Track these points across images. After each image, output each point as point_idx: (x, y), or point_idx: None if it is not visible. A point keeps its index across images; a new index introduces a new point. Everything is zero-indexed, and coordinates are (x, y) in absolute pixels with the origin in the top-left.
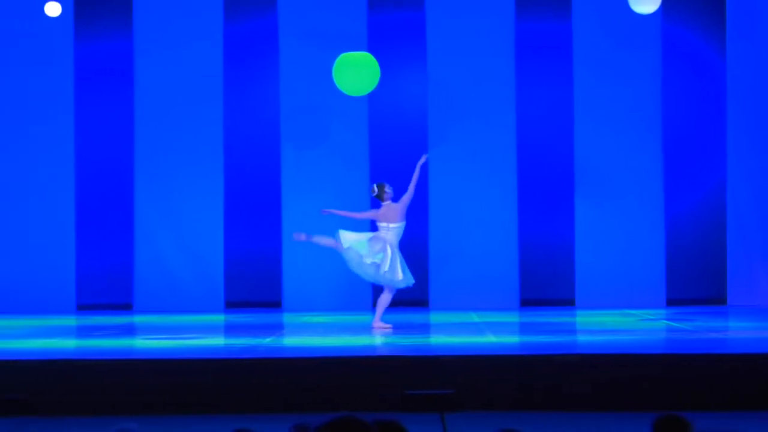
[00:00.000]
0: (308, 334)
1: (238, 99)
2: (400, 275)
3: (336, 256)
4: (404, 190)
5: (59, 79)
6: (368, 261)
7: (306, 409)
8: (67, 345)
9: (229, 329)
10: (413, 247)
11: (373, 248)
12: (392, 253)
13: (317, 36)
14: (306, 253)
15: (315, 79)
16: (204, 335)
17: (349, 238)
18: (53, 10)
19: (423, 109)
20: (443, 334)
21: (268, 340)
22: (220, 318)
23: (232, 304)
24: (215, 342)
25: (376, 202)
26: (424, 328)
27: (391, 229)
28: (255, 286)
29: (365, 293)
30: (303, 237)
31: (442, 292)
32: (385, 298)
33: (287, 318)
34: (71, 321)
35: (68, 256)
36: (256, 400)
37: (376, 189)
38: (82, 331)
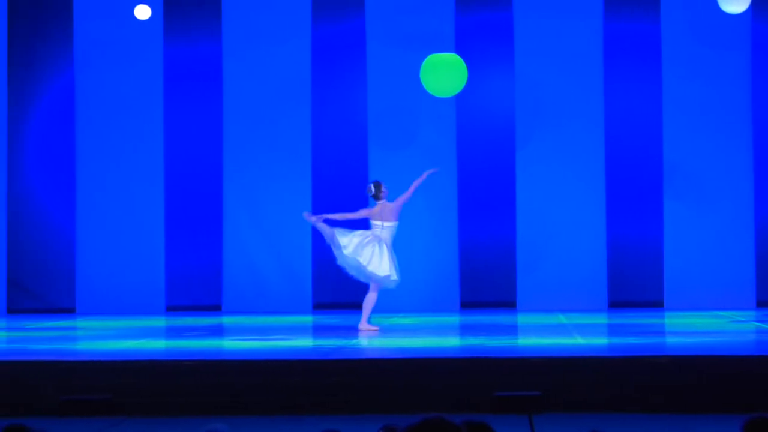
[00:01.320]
0: (396, 335)
1: (325, 101)
2: (385, 272)
3: (423, 257)
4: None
5: (149, 82)
6: (351, 256)
7: (394, 411)
8: (156, 346)
9: (317, 330)
10: (501, 249)
11: (361, 245)
12: (381, 250)
13: (405, 38)
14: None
15: (402, 80)
16: (292, 336)
17: (343, 241)
18: (143, 13)
19: (510, 110)
20: (531, 336)
21: (355, 341)
22: (308, 319)
23: (319, 306)
24: (303, 343)
25: (371, 202)
26: (512, 330)
27: (386, 227)
28: (342, 288)
29: (453, 294)
30: (313, 219)
31: (529, 293)
32: (371, 299)
33: (375, 319)
34: (161, 322)
35: (158, 258)
36: (344, 401)
37: (373, 189)
38: (172, 332)
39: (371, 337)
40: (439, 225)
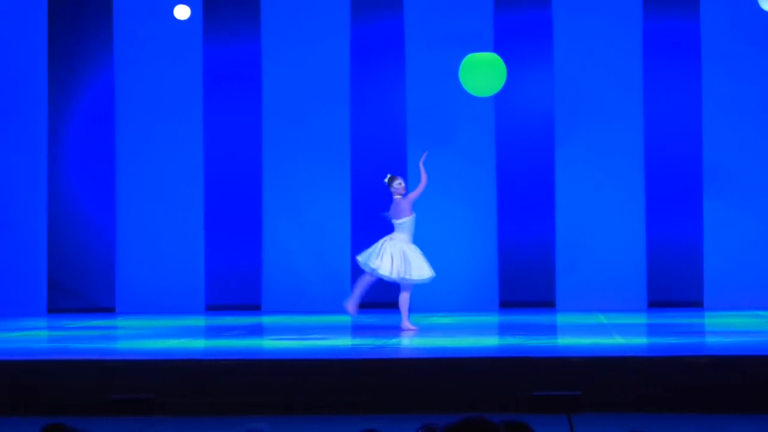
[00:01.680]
0: (435, 335)
1: (364, 100)
2: (375, 266)
3: (462, 256)
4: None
5: (188, 82)
6: (379, 271)
7: (433, 410)
8: (196, 345)
9: (356, 330)
10: (540, 248)
11: (377, 254)
12: (397, 251)
13: (443, 37)
14: (432, 253)
15: (441, 79)
16: (331, 336)
17: (364, 258)
18: (182, 13)
19: (550, 109)
20: (570, 336)
21: (394, 341)
22: (347, 319)
23: (359, 305)
24: (342, 342)
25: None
26: (551, 330)
27: (398, 225)
28: (382, 288)
29: (492, 294)
30: (351, 308)
31: (569, 293)
32: (404, 298)
33: (413, 319)
34: (200, 321)
35: (197, 258)
36: (382, 401)
37: (387, 180)
38: (211, 332)
39: (410, 336)
40: (478, 224)
